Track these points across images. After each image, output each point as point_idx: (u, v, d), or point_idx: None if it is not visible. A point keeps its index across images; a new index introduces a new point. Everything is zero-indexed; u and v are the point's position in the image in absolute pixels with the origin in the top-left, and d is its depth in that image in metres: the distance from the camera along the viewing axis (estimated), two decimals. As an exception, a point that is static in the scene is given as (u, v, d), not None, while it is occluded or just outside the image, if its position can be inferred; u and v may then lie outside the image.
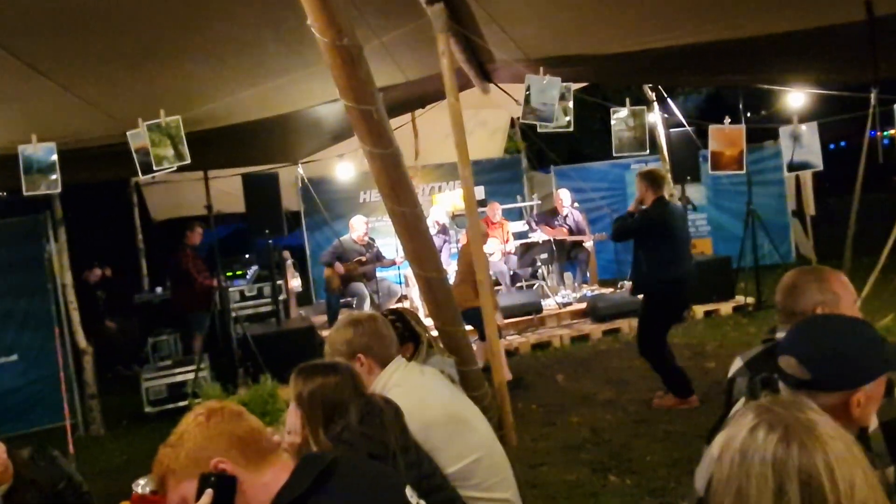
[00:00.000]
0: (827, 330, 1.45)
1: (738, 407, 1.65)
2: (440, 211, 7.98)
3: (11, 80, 3.20)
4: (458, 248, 7.31)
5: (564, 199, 8.32)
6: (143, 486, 2.29)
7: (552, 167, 10.22)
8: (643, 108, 4.82)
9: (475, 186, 9.14)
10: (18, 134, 3.90)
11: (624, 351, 6.38)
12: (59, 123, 3.91)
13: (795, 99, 5.98)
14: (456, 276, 5.84)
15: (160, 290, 8.24)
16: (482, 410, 2.79)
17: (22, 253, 5.79)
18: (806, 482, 0.97)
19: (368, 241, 7.74)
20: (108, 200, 9.68)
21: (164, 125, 3.80)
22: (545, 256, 7.68)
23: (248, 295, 7.96)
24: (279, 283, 7.62)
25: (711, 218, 9.87)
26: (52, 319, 5.75)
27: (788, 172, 4.93)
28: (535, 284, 8.33)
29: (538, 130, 4.38)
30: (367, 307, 7.21)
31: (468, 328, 5.27)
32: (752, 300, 7.33)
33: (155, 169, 3.89)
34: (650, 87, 7.79)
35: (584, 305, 7.51)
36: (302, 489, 1.25)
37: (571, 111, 4.31)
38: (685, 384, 4.68)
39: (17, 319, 5.79)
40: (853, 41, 3.15)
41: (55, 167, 3.86)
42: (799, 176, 8.66)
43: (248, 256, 8.73)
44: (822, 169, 4.86)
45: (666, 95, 7.65)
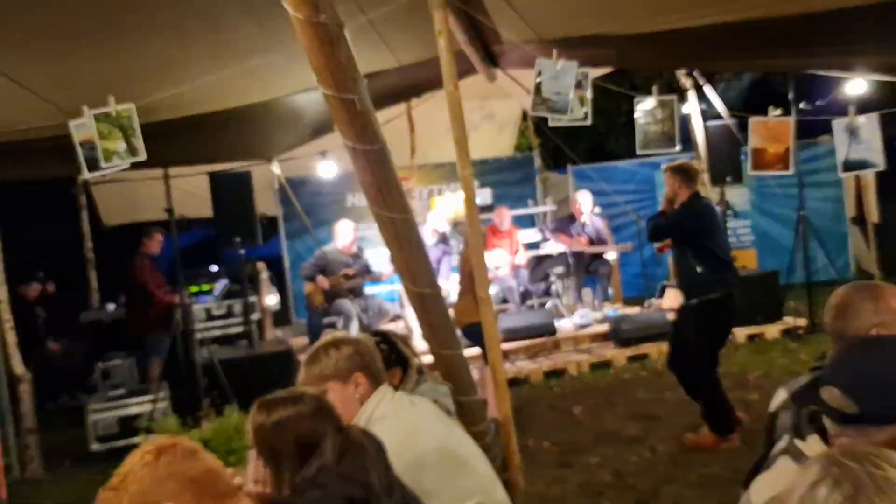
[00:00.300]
0: (876, 355, 1.44)
1: (780, 446, 1.63)
2: (439, 217, 7.99)
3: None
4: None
5: (584, 203, 8.32)
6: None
7: (570, 167, 10.23)
8: (672, 97, 4.83)
9: (481, 189, 9.40)
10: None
11: (652, 380, 6.35)
12: (-13, 111, 3.92)
13: (855, 86, 5.93)
14: (459, 287, 5.84)
15: (112, 307, 8.23)
16: (483, 449, 2.78)
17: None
18: None
19: (356, 251, 7.74)
20: (50, 202, 9.71)
21: (114, 114, 3.81)
22: (561, 270, 7.68)
23: (215, 313, 7.95)
24: (252, 299, 7.60)
25: (756, 226, 9.86)
26: (-17, 341, 5.73)
27: (844, 172, 4.94)
28: (548, 302, 8.31)
29: (549, 124, 4.39)
30: (354, 328, 7.20)
31: (474, 350, 5.30)
32: (803, 322, 7.31)
33: (103, 166, 3.89)
34: (685, 73, 7.81)
35: (605, 327, 7.50)
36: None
37: (590, 102, 4.31)
38: (728, 419, 4.66)
39: (-60, 341, 5.78)
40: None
41: (-17, 163, 3.88)
42: (859, 177, 8.64)
43: (215, 269, 8.73)
44: (884, 168, 4.86)
45: (704, 83, 7.67)
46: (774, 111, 5.43)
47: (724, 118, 7.52)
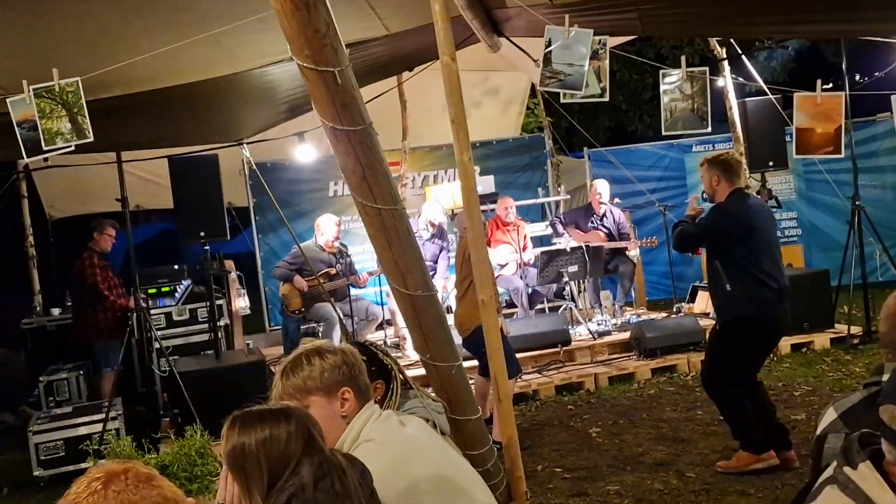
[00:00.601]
0: None
1: (827, 474, 1.64)
2: (435, 208, 7.99)
3: None
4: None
5: (603, 192, 8.34)
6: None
7: (586, 150, 10.25)
8: (704, 69, 4.82)
9: (483, 176, 9.42)
10: None
11: (681, 396, 6.36)
12: None
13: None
14: (457, 287, 5.83)
15: (58, 311, 8.23)
16: (484, 475, 2.79)
17: None
18: None
19: (340, 247, 7.76)
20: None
21: (57, 90, 3.80)
22: (575, 269, 7.68)
23: (177, 319, 7.97)
24: (219, 302, 7.61)
25: (803, 218, 9.89)
26: None
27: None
28: (561, 306, 8.32)
29: (561, 101, 4.38)
30: (336, 336, 7.21)
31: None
32: (857, 330, 7.33)
33: (45, 149, 3.88)
34: (719, 41, 7.82)
35: (626, 335, 7.51)
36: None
37: (607, 75, 4.30)
38: (760, 437, 4.67)
39: None
40: None
41: None
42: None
43: (177, 267, 8.74)
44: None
45: (741, 52, 7.67)
46: (826, 86, 5.42)
47: (765, 93, 7.52)
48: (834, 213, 9.37)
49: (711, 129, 5.09)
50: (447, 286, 7.75)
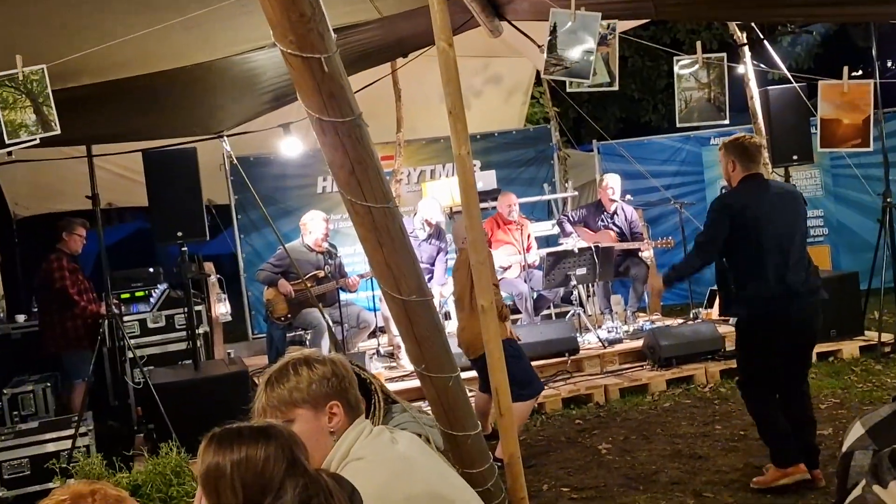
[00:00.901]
0: None
1: (856, 493, 1.64)
2: (433, 206, 7.99)
3: None
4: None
5: (614, 188, 8.34)
6: None
7: (596, 143, 10.25)
8: (721, 56, 4.82)
9: (484, 171, 9.41)
10: None
11: (697, 409, 6.36)
12: None
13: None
14: (460, 303, 5.80)
15: (23, 318, 8.22)
16: (484, 496, 2.78)
17: None
18: None
19: (328, 248, 7.75)
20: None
21: (21, 78, 3.80)
22: (584, 272, 7.67)
23: (152, 326, 7.95)
24: (198, 308, 7.61)
25: (830, 217, 9.89)
26: None
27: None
28: (569, 312, 8.32)
29: (567, 90, 4.39)
30: (325, 344, 7.21)
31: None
32: (889, 337, 7.33)
33: (8, 142, 3.88)
34: (739, 24, 7.82)
35: (639, 343, 7.52)
36: None
37: (617, 62, 4.31)
38: (788, 449, 4.66)
39: None
40: None
41: None
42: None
43: (152, 270, 8.73)
44: None
45: (763, 37, 7.68)
46: (855, 73, 5.41)
47: (788, 81, 7.52)
48: (863, 210, 9.37)
49: (731, 120, 5.10)
50: (444, 291, 7.75)
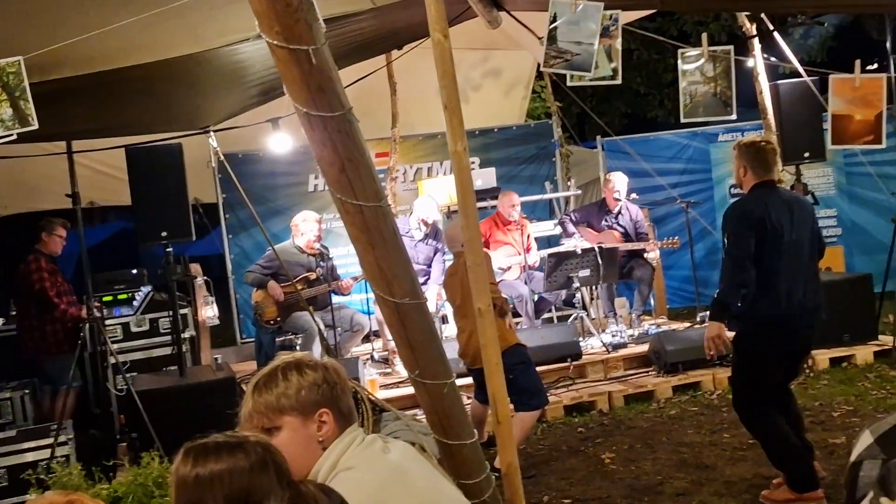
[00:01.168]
0: None
1: (865, 505, 1.64)
2: (429, 205, 8.00)
3: None
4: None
5: (620, 187, 8.34)
6: None
7: (600, 139, 10.26)
8: (728, 48, 4.83)
9: (484, 168, 9.41)
10: None
11: (705, 417, 6.37)
12: None
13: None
14: (461, 311, 5.79)
15: (1, 321, 8.22)
16: (479, 508, 2.78)
17: None
18: None
19: (320, 249, 7.75)
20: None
21: (-3, 71, 3.80)
22: (587, 274, 7.68)
23: (135, 330, 7.96)
24: (183, 312, 7.60)
25: (843, 216, 9.89)
26: None
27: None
28: (571, 316, 8.31)
29: (567, 83, 4.39)
30: (316, 349, 7.20)
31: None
32: (904, 342, 7.33)
33: (-18, 138, 3.89)
34: (748, 15, 7.83)
35: (644, 348, 7.52)
36: None
37: (619, 54, 4.31)
38: (805, 472, 4.65)
39: None
40: None
41: None
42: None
43: (136, 272, 8.73)
44: None
45: (773, 29, 7.68)
46: (870, 66, 5.42)
47: (800, 75, 7.53)
48: (878, 210, 9.37)
49: (739, 115, 5.10)
50: (442, 293, 7.75)
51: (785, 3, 6.44)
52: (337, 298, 7.76)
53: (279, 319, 7.55)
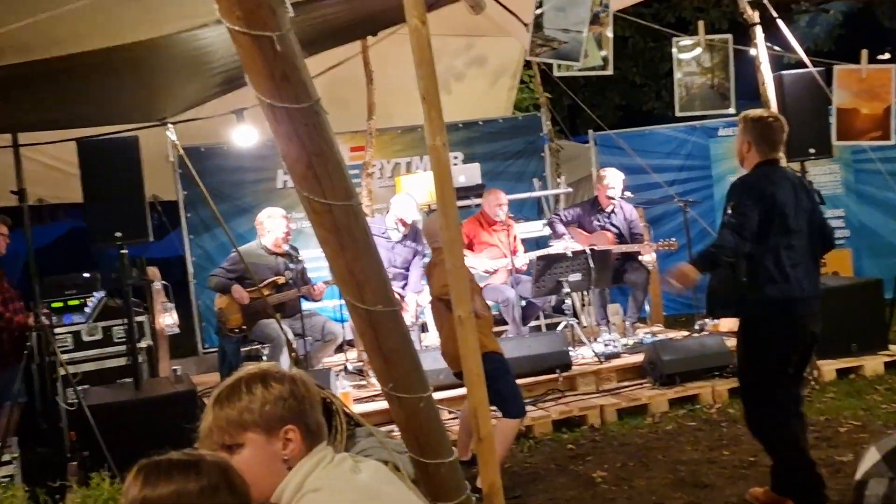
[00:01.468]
0: None
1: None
2: (408, 203, 8.00)
3: None
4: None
5: (614, 184, 8.36)
6: None
7: (592, 133, 10.30)
8: (728, 37, 4.86)
9: (467, 164, 9.41)
10: None
11: (703, 433, 6.39)
12: None
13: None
14: (436, 313, 5.81)
15: (-59, 330, 8.16)
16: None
17: None
18: None
19: (290, 251, 7.73)
20: None
21: (-67, 58, 3.78)
22: (578, 278, 7.70)
23: (87, 339, 7.89)
24: (140, 319, 7.56)
25: (851, 217, 9.95)
26: None
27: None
28: (561, 323, 8.33)
29: (555, 73, 4.40)
30: (285, 360, 7.18)
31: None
32: (918, 352, 7.40)
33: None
34: (750, 2, 7.87)
35: (639, 358, 7.55)
36: None
37: (610, 42, 4.33)
38: (812, 487, 4.67)
39: None
40: None
41: None
42: None
43: (88, 276, 8.67)
44: None
45: (777, 16, 7.72)
46: (880, 56, 5.46)
47: (805, 65, 7.56)
48: (889, 210, 9.44)
49: (739, 108, 5.12)
50: (421, 300, 7.75)
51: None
52: (307, 305, 7.74)
53: (244, 327, 7.52)
